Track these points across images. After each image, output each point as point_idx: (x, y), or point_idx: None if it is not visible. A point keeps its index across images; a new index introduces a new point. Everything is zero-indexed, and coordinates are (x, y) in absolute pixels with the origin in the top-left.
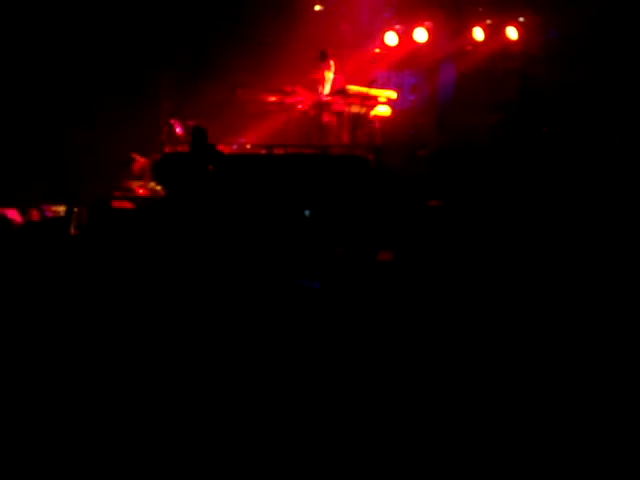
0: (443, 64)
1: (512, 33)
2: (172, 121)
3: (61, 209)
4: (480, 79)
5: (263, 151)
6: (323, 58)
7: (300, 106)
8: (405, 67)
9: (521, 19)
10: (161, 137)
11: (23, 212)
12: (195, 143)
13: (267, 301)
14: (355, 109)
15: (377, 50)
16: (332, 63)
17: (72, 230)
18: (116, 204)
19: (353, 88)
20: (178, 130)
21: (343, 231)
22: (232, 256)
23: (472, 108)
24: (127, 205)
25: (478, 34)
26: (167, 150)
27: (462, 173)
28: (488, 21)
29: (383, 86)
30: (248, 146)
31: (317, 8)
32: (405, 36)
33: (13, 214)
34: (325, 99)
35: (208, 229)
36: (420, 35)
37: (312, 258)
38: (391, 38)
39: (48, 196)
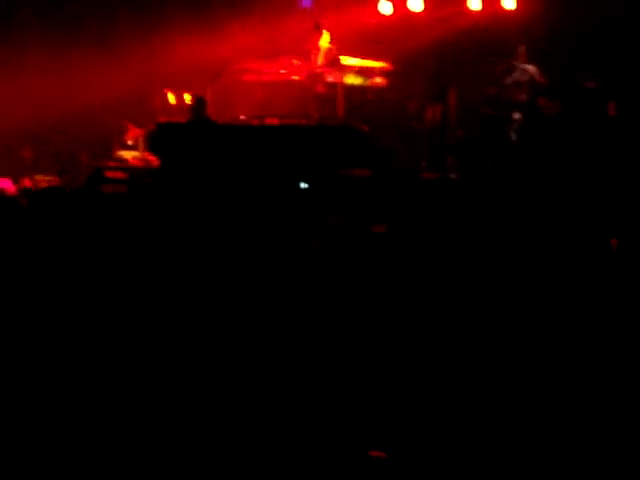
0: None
1: (509, 3)
2: (166, 90)
3: (53, 179)
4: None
5: (256, 122)
6: (317, 29)
7: (294, 77)
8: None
9: None
10: (154, 107)
11: (16, 182)
12: (195, 113)
13: (263, 272)
14: (349, 80)
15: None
16: (326, 34)
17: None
18: (109, 174)
19: (347, 59)
20: (172, 100)
21: (338, 203)
22: (227, 229)
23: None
24: (120, 175)
25: (474, 4)
26: (162, 120)
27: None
28: None
29: (378, 57)
30: (242, 117)
31: None
32: (400, 5)
33: (6, 184)
34: (319, 70)
35: (203, 200)
36: (415, 4)
37: (308, 229)
38: (385, 7)
39: (40, 166)
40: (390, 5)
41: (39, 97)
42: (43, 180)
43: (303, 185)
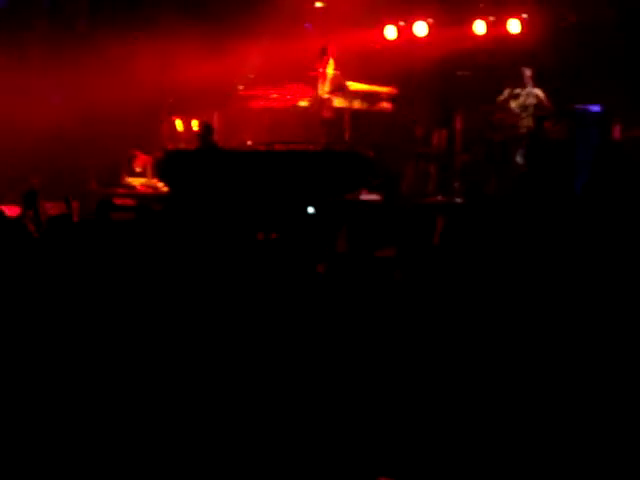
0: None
1: (514, 27)
2: (173, 117)
3: (62, 206)
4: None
5: (263, 148)
6: (323, 54)
7: (301, 102)
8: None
9: (524, 15)
10: (162, 134)
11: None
12: (203, 140)
13: (269, 295)
14: (356, 105)
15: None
16: (332, 59)
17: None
18: (118, 201)
19: (353, 85)
20: (180, 126)
21: (345, 227)
22: (235, 255)
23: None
24: (129, 202)
25: (479, 28)
26: (170, 147)
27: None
28: (491, 17)
29: (384, 82)
30: (249, 142)
31: (318, 5)
32: (405, 30)
33: (14, 211)
34: (325, 96)
35: (212, 226)
36: (420, 29)
37: (315, 255)
38: (390, 32)
39: (49, 193)
40: (395, 30)
41: (47, 124)
42: (52, 207)
43: (311, 210)
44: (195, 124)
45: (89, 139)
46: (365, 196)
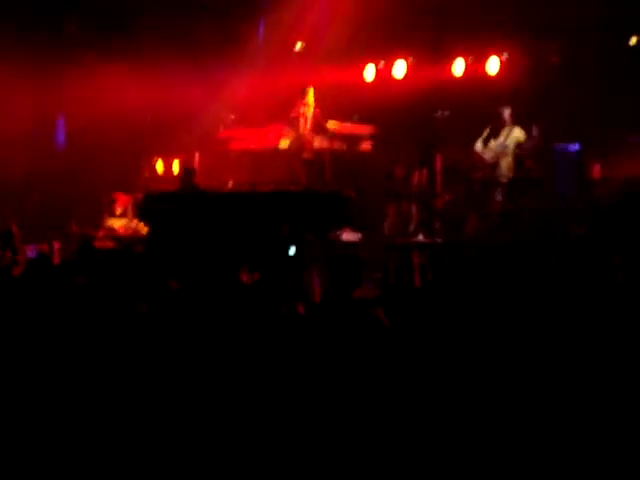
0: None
1: (493, 66)
2: (154, 158)
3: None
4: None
5: (244, 189)
6: (303, 95)
7: (281, 143)
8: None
9: (505, 54)
10: (142, 175)
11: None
12: (184, 181)
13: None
14: (336, 146)
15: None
16: (312, 100)
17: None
18: (99, 244)
19: (333, 125)
20: (160, 168)
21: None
22: (217, 297)
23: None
24: (109, 244)
25: (458, 67)
26: (151, 188)
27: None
28: (470, 57)
29: (363, 121)
30: (230, 184)
31: (298, 47)
32: (384, 70)
33: None
34: (305, 136)
35: (194, 267)
36: (399, 69)
37: (295, 295)
38: (370, 73)
39: (29, 235)
40: (374, 69)
41: (27, 165)
42: (31, 249)
43: (292, 251)
44: (176, 165)
45: (70, 180)
46: (346, 236)
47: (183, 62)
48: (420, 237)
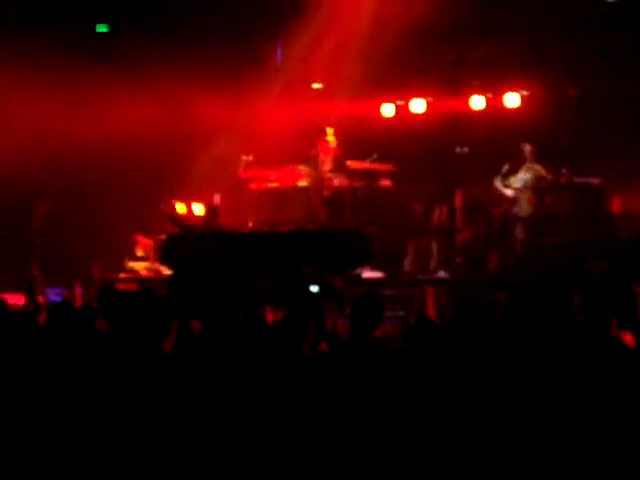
0: None
1: (511, 101)
2: (173, 201)
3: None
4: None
5: (265, 229)
6: (321, 134)
7: (301, 183)
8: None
9: (523, 92)
10: (163, 217)
11: (28, 295)
12: (208, 222)
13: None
14: (356, 184)
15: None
16: (331, 138)
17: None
18: (121, 286)
19: (353, 163)
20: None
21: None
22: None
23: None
24: (132, 287)
25: (477, 103)
26: (172, 230)
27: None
28: (489, 94)
29: (383, 159)
30: (251, 224)
31: (315, 86)
32: (402, 108)
33: (18, 299)
34: (325, 175)
35: (216, 308)
36: (417, 106)
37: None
38: (388, 110)
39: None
40: (392, 107)
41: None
42: (53, 293)
43: (314, 289)
44: (198, 206)
45: (89, 223)
46: (367, 274)
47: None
48: (441, 274)
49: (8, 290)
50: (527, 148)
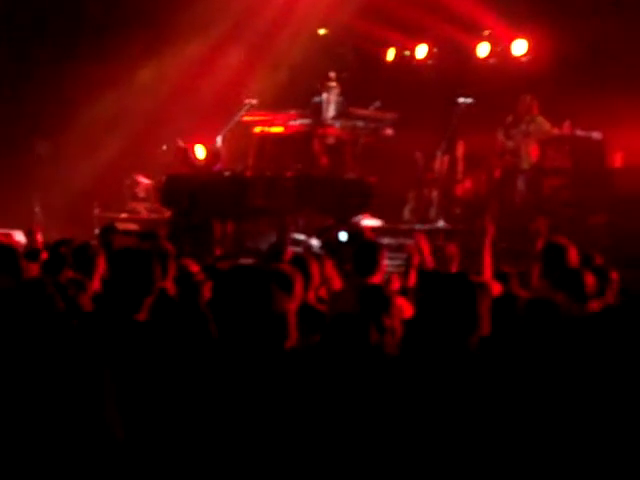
0: None
1: (519, 49)
2: (178, 142)
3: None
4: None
5: (268, 173)
6: (326, 80)
7: (304, 128)
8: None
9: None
10: (167, 158)
11: (28, 234)
12: (209, 165)
13: None
14: (358, 131)
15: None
16: (336, 85)
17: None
18: (121, 226)
19: (356, 111)
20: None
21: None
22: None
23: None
24: (132, 227)
25: (482, 50)
26: (171, 172)
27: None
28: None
29: (386, 107)
30: (252, 168)
31: (321, 32)
32: (407, 53)
33: (18, 236)
34: (329, 122)
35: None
36: (421, 52)
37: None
38: (391, 55)
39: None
40: (394, 51)
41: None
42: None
43: (342, 237)
44: (201, 149)
45: (91, 164)
46: (367, 222)
47: (202, 47)
48: (440, 223)
49: (12, 227)
50: (529, 99)
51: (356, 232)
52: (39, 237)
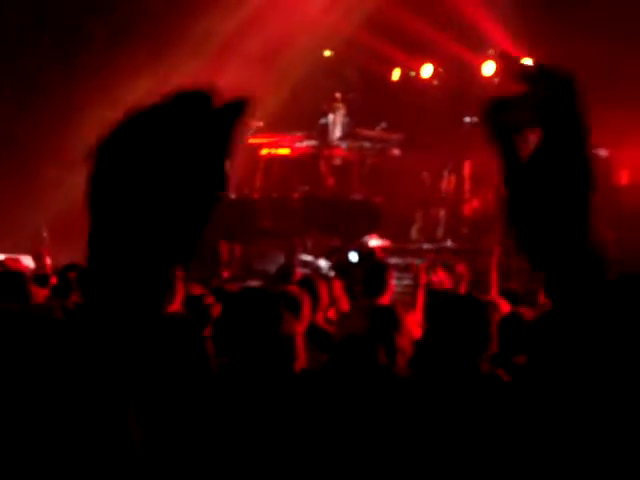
0: None
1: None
2: None
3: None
4: None
5: (275, 195)
6: (333, 102)
7: (311, 150)
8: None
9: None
10: None
11: (36, 259)
12: None
13: None
14: (365, 151)
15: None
16: (342, 106)
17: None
18: None
19: (362, 131)
20: None
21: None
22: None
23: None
24: None
25: (488, 68)
26: None
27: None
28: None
29: (392, 128)
30: (260, 190)
31: (326, 53)
32: (412, 73)
33: (26, 261)
34: (336, 143)
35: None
36: (426, 71)
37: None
38: (396, 75)
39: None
40: (399, 71)
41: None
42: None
43: (353, 257)
44: None
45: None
46: (375, 242)
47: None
48: (448, 242)
49: (20, 251)
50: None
51: (367, 252)
52: (48, 261)
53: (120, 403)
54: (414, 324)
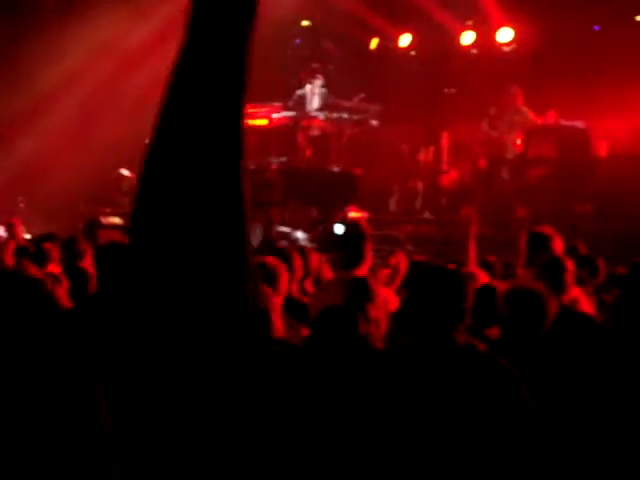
0: None
1: (504, 36)
2: None
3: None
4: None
5: (252, 166)
6: (311, 73)
7: (288, 120)
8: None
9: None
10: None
11: (8, 228)
12: None
13: None
14: (343, 123)
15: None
16: (320, 77)
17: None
18: (106, 220)
19: (340, 103)
20: None
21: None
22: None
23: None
24: (117, 221)
25: (467, 38)
26: None
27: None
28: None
29: (370, 99)
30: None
31: (304, 23)
32: (390, 42)
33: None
34: (313, 114)
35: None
36: (404, 41)
37: None
38: (374, 44)
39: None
40: (376, 41)
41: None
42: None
43: (339, 229)
44: None
45: (77, 159)
46: (352, 214)
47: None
48: (426, 214)
49: None
50: (514, 89)
51: (353, 224)
52: (19, 231)
53: (86, 384)
54: (390, 296)
